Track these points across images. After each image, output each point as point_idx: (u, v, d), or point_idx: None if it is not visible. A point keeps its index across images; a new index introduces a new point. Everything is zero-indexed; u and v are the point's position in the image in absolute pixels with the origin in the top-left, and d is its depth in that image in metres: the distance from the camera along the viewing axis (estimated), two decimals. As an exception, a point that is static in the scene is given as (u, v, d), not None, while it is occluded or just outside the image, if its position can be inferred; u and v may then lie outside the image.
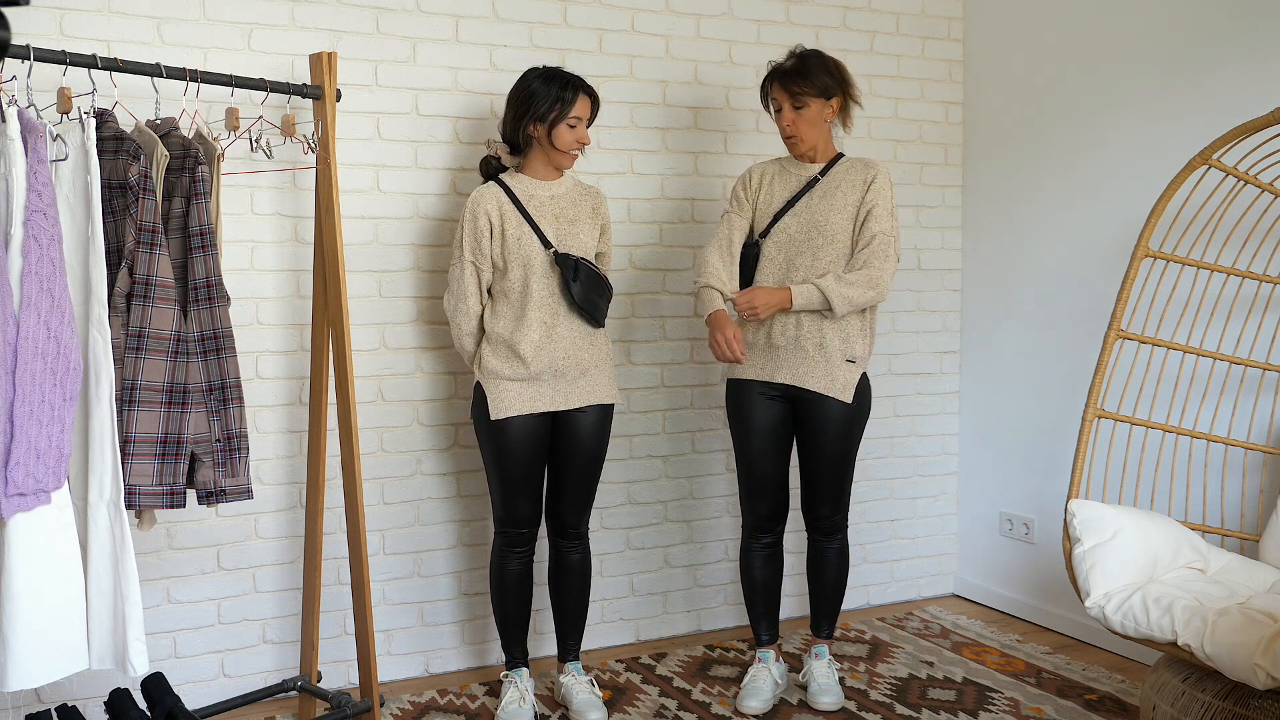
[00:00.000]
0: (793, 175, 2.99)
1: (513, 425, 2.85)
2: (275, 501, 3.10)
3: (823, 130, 2.95)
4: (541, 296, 2.84)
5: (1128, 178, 3.39)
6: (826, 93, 2.90)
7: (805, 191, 2.95)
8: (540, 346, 2.83)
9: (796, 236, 2.92)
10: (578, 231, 2.90)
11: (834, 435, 2.93)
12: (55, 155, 2.17)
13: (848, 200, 2.91)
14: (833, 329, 2.89)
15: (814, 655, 3.11)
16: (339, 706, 2.68)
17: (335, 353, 2.72)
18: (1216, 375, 3.09)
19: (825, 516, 3.03)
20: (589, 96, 2.88)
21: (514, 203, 2.86)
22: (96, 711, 2.78)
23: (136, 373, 2.25)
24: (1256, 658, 2.18)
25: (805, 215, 2.92)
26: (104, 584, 2.16)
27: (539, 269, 2.83)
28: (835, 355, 2.89)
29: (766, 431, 2.98)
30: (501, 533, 2.95)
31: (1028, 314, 3.78)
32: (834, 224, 2.89)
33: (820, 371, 2.89)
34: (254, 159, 2.91)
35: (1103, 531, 2.61)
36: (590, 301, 2.86)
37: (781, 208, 2.96)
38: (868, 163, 2.96)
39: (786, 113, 2.90)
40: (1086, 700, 3.05)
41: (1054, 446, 3.66)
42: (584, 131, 2.88)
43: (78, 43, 2.78)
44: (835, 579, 3.09)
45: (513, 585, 2.96)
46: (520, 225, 2.84)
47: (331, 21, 3.08)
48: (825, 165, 2.97)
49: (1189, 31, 3.22)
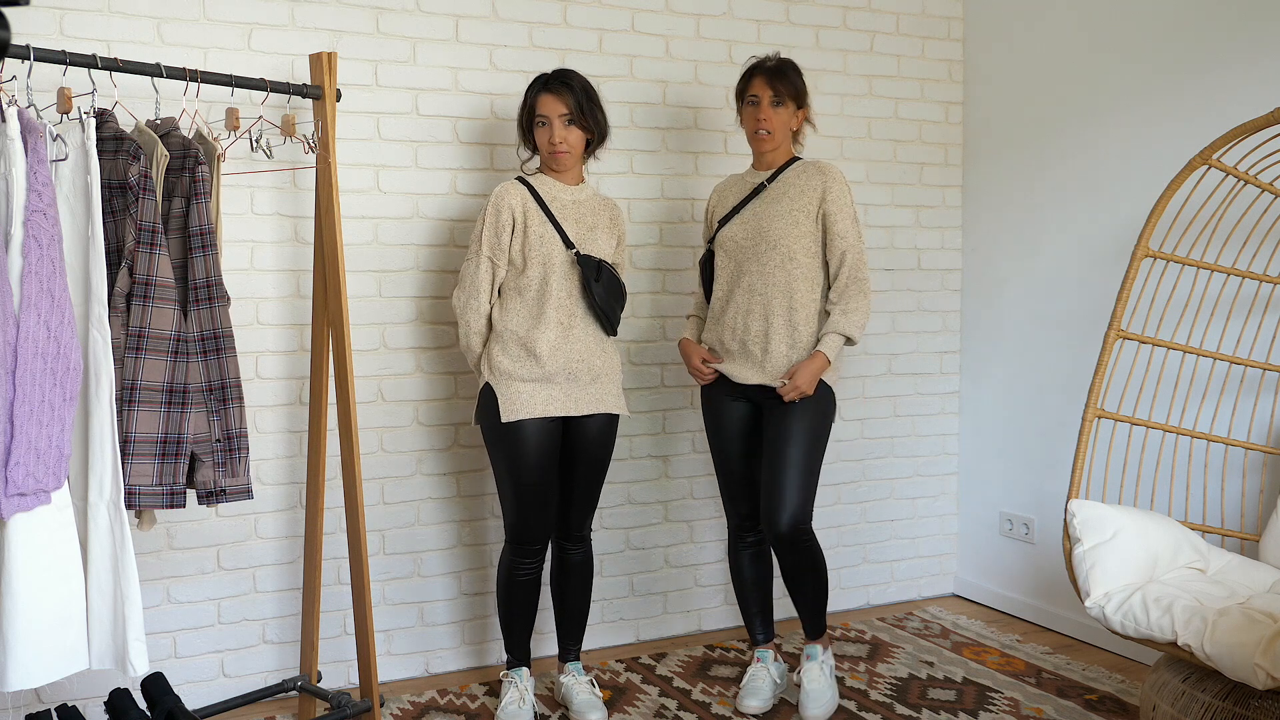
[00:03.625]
0: (745, 183, 3.02)
1: (526, 429, 2.79)
2: (275, 501, 3.10)
3: (787, 135, 2.97)
4: (560, 296, 2.82)
5: (1128, 178, 3.39)
6: (799, 99, 2.94)
7: (752, 197, 2.97)
8: (556, 346, 2.80)
9: (744, 244, 2.94)
10: (596, 238, 2.88)
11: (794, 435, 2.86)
12: (55, 155, 2.17)
13: (795, 206, 2.90)
14: (778, 335, 2.88)
15: (805, 656, 3.03)
16: (339, 706, 2.68)
17: (335, 353, 2.72)
18: (1216, 375, 3.09)
19: (784, 526, 2.84)
20: (553, 94, 2.79)
21: (538, 201, 2.85)
22: (96, 711, 2.78)
23: (136, 373, 2.25)
24: (1256, 658, 2.18)
25: (751, 222, 2.94)
26: (104, 584, 2.16)
27: (559, 268, 2.82)
28: (779, 359, 2.89)
29: (735, 433, 3.01)
30: (513, 544, 2.90)
31: (1028, 314, 3.78)
32: (777, 230, 2.89)
33: (764, 373, 2.90)
34: (254, 159, 2.91)
35: (1103, 531, 2.61)
36: (609, 305, 2.86)
37: (727, 214, 3.00)
38: (820, 167, 2.94)
39: (764, 106, 2.90)
40: (1086, 700, 3.05)
41: (1054, 446, 3.66)
42: (555, 132, 2.80)
43: (78, 43, 2.78)
44: (813, 577, 2.95)
45: (520, 593, 2.93)
46: (543, 223, 2.83)
47: (331, 21, 3.08)
48: (775, 171, 2.97)
49: (1189, 31, 3.22)
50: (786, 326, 2.89)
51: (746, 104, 2.96)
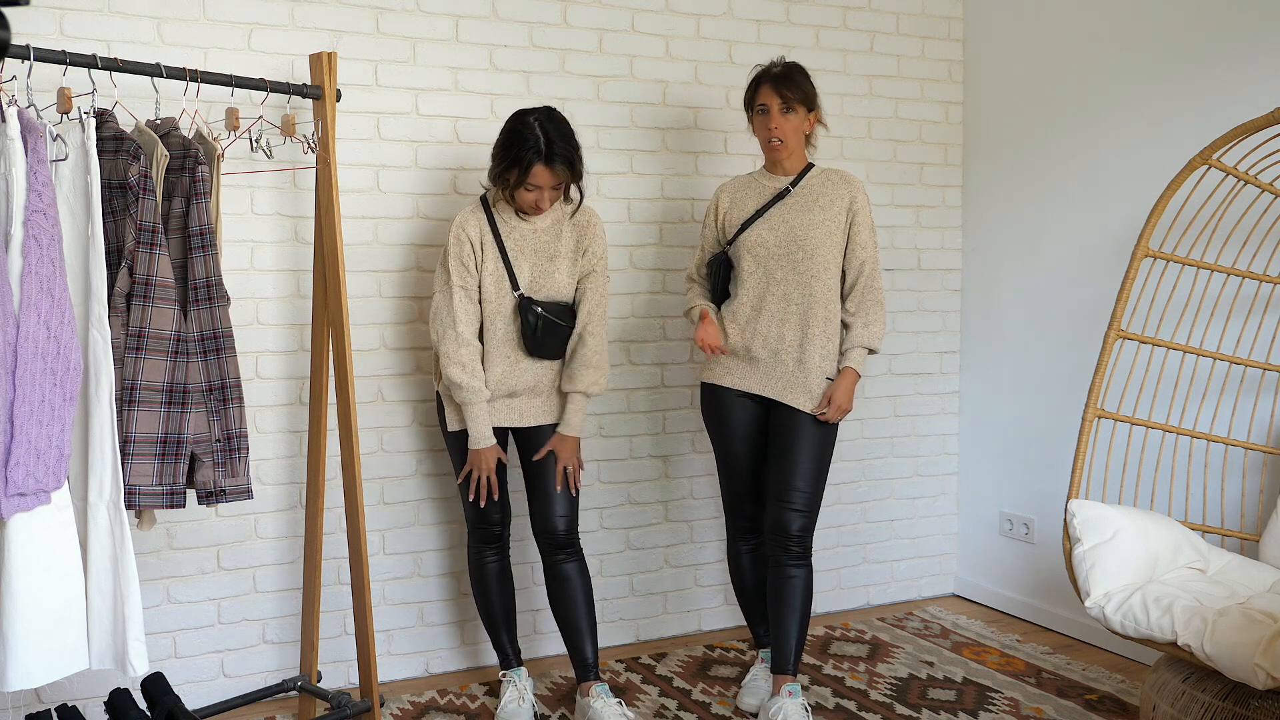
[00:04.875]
0: (764, 186, 2.96)
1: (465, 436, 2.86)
2: (275, 501, 3.10)
3: (800, 141, 2.94)
4: (505, 334, 2.83)
5: (1128, 178, 3.39)
6: (809, 103, 2.90)
7: (776, 201, 2.92)
8: (501, 380, 2.84)
9: (775, 249, 2.88)
10: (554, 269, 2.83)
11: (807, 445, 2.86)
12: (55, 155, 2.17)
13: (827, 216, 2.88)
14: (814, 346, 2.85)
15: (787, 693, 2.84)
16: (339, 706, 2.68)
17: (335, 353, 2.72)
18: (1216, 375, 3.09)
19: (794, 535, 2.85)
20: (549, 168, 2.69)
21: (494, 232, 2.82)
22: (96, 711, 2.78)
23: (136, 373, 2.25)
24: (1256, 658, 2.18)
25: (783, 228, 2.88)
26: (104, 584, 2.16)
27: (505, 309, 2.82)
28: (814, 372, 2.85)
29: (744, 434, 2.96)
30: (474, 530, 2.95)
31: (1028, 314, 3.78)
32: (814, 238, 2.86)
33: (799, 388, 2.86)
34: (254, 159, 2.91)
35: (1103, 531, 2.61)
36: (546, 348, 2.84)
37: (751, 216, 2.93)
38: (844, 176, 2.93)
39: (774, 115, 2.87)
40: (1086, 700, 3.05)
41: (1054, 446, 3.66)
42: (544, 199, 2.75)
43: (78, 43, 2.78)
44: (803, 607, 2.87)
45: (494, 582, 2.95)
46: (496, 260, 2.81)
47: (331, 21, 3.08)
48: (796, 176, 2.94)
49: (1189, 31, 3.22)
50: (822, 336, 2.86)
51: (756, 113, 2.92)
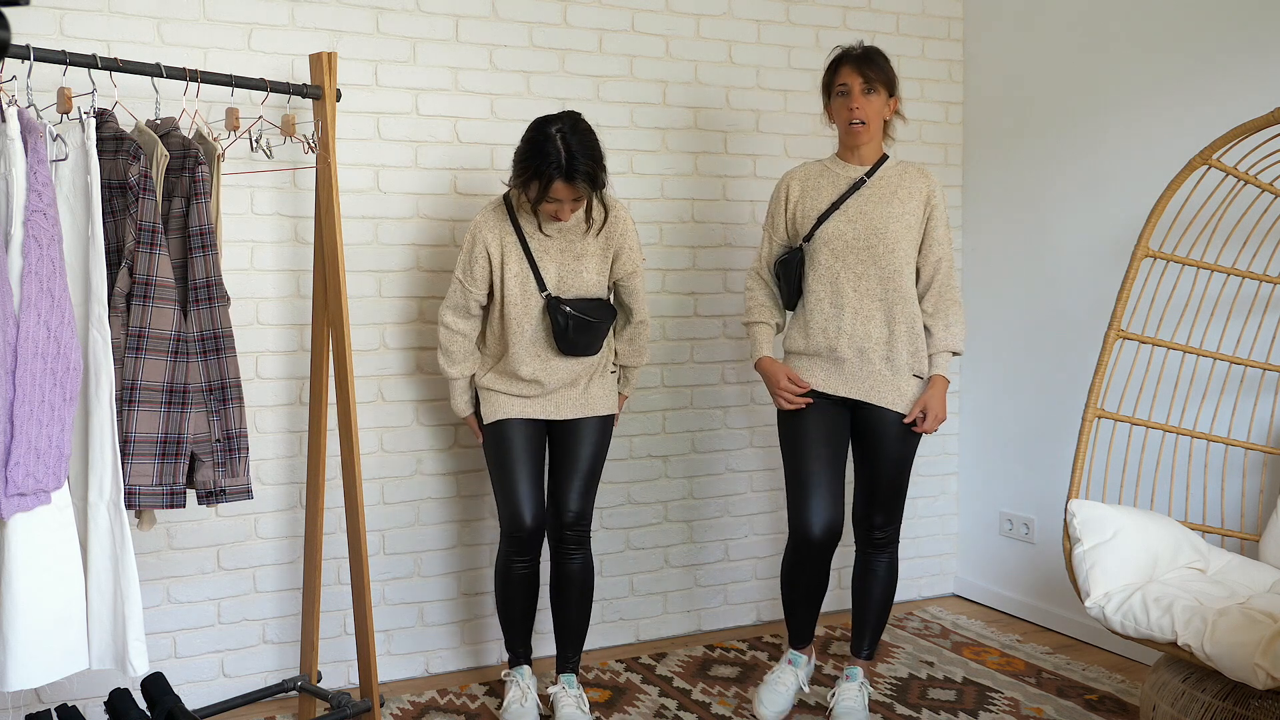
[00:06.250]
0: (838, 175, 2.85)
1: (509, 426, 2.86)
2: (275, 501, 3.10)
3: (880, 125, 2.82)
4: (535, 334, 2.82)
5: (1128, 178, 3.39)
6: (891, 87, 2.81)
7: (852, 192, 2.81)
8: (534, 378, 2.84)
9: (853, 242, 2.77)
10: (582, 268, 2.81)
11: (895, 443, 2.83)
12: (55, 155, 2.17)
13: (906, 209, 2.79)
14: (901, 343, 2.79)
15: (845, 676, 2.95)
16: (339, 706, 2.68)
17: (335, 353, 2.72)
18: (1216, 375, 3.09)
19: (879, 528, 2.89)
20: (570, 184, 2.65)
21: (518, 233, 2.80)
22: (96, 711, 2.78)
23: (136, 373, 2.25)
24: (1256, 658, 2.18)
25: (861, 220, 2.78)
26: (104, 584, 2.16)
27: (534, 310, 2.80)
28: (903, 370, 2.80)
29: (823, 438, 2.82)
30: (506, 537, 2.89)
31: (1028, 314, 3.78)
32: (894, 232, 2.76)
33: (888, 386, 2.79)
34: (254, 159, 2.91)
35: (1103, 531, 2.61)
36: (580, 345, 2.82)
37: (827, 209, 2.82)
38: (922, 170, 2.86)
39: (856, 94, 2.75)
40: (1086, 700, 3.05)
41: (1054, 446, 3.66)
42: (565, 211, 2.71)
43: (78, 43, 2.78)
44: (883, 595, 2.92)
45: (518, 588, 2.92)
46: (520, 262, 2.79)
47: (331, 21, 3.08)
48: (872, 166, 2.84)
49: (1189, 31, 3.22)
50: (908, 334, 2.80)
51: (836, 95, 2.81)
